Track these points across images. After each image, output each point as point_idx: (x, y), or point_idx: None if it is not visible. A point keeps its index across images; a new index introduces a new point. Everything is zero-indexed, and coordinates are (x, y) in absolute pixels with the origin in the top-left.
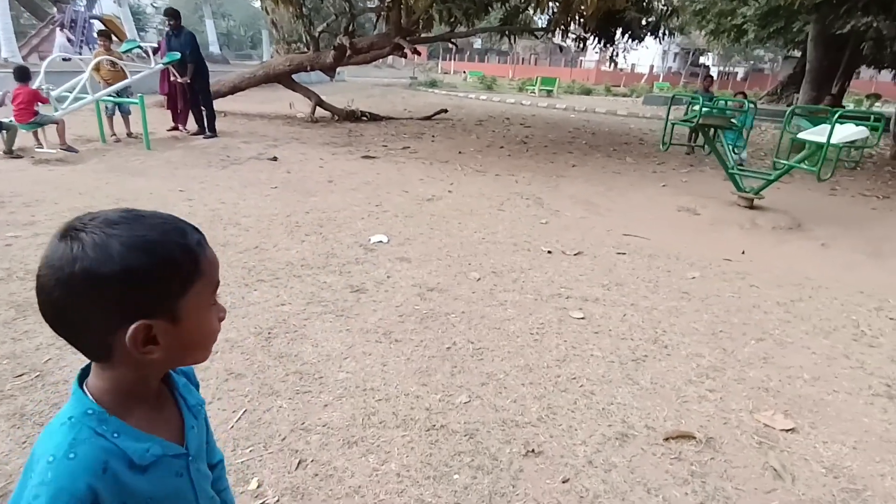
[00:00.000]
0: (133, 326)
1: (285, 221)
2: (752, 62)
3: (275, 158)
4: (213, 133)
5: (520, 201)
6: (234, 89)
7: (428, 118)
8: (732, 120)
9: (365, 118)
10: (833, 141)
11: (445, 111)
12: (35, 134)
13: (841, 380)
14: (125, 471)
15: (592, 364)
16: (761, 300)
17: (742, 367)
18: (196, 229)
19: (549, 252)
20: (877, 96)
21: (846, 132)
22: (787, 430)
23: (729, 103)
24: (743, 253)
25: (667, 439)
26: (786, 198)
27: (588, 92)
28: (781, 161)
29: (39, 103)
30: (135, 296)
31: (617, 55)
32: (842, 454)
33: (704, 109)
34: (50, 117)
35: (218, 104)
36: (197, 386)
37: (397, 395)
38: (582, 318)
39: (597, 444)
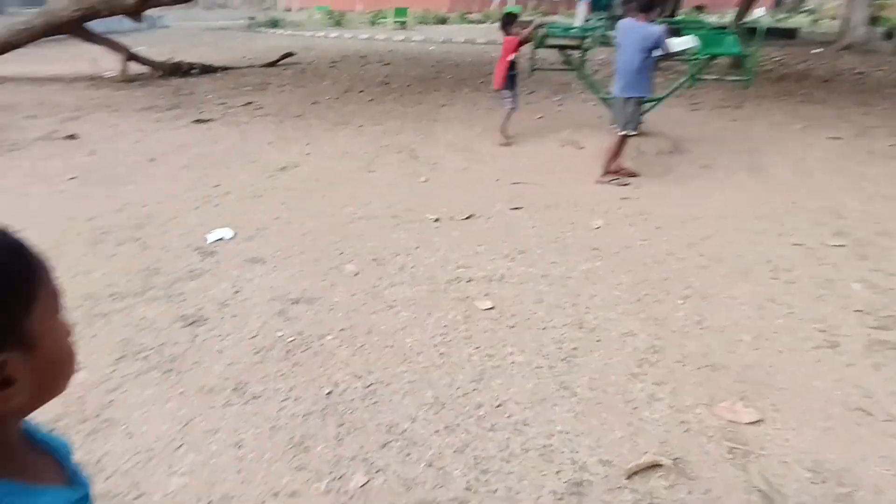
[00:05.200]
0: None
1: (85, 228)
2: None
3: (73, 136)
4: None
5: (392, 157)
6: (6, 47)
7: (272, 64)
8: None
9: (195, 71)
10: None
11: (292, 54)
12: None
13: (780, 335)
14: None
15: (517, 377)
16: (672, 244)
17: (680, 341)
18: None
19: (437, 220)
20: (702, 7)
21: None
22: (753, 423)
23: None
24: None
25: (630, 476)
26: (654, 118)
27: (443, 21)
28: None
29: None
30: None
31: None
32: (817, 442)
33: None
34: None
35: None
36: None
37: (264, 502)
38: (491, 309)
39: None
